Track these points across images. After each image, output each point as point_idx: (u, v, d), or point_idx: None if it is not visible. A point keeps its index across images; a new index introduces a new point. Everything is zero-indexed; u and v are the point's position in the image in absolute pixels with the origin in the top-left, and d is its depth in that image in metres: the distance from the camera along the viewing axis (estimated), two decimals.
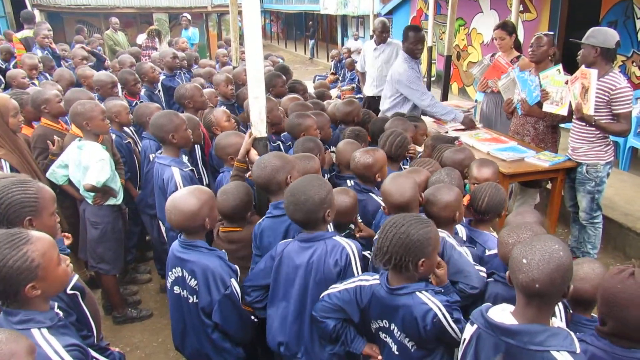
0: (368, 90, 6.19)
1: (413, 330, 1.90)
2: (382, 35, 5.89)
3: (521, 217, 2.33)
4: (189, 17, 11.96)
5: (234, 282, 2.29)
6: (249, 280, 2.39)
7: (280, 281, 2.24)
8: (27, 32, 8.40)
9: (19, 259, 1.53)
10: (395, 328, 1.95)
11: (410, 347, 1.94)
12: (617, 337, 1.64)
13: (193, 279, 2.28)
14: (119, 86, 4.80)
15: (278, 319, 2.26)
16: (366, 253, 2.59)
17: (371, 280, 2.01)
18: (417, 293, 1.89)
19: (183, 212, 2.25)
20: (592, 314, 2.17)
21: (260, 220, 2.53)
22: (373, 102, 5.72)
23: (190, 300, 2.32)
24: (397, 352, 1.98)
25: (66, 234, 2.57)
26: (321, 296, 2.09)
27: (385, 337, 2.02)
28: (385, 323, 1.99)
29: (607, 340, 1.65)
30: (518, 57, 4.84)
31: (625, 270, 1.63)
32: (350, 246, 2.16)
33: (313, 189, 2.12)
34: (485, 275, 2.22)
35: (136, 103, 4.64)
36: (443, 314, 1.86)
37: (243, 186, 2.67)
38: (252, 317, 2.44)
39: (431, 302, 1.87)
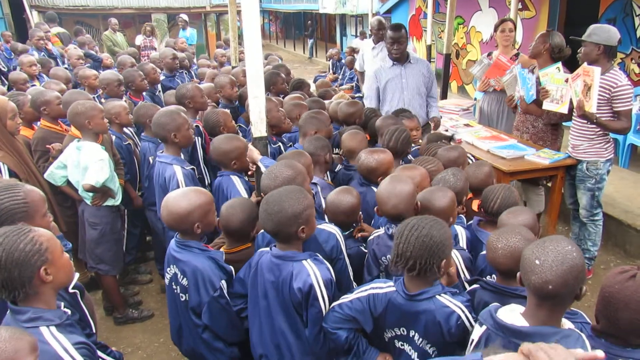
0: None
1: (436, 335, 1.86)
2: (378, 34, 5.92)
3: (513, 216, 2.28)
4: (186, 18, 11.91)
5: (224, 285, 2.27)
6: (231, 287, 2.32)
7: (256, 293, 2.18)
8: (59, 29, 9.81)
9: (29, 242, 1.57)
10: (416, 335, 1.91)
11: (431, 353, 1.90)
12: (609, 335, 1.64)
13: (185, 279, 2.29)
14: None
15: (257, 331, 2.21)
16: (362, 247, 2.61)
17: (385, 287, 1.95)
18: (438, 297, 1.85)
19: (171, 213, 2.24)
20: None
21: (264, 231, 2.47)
22: None
23: (183, 299, 2.33)
24: (417, 359, 1.94)
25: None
26: (331, 306, 2.03)
27: (402, 345, 1.97)
28: (403, 331, 1.94)
29: (603, 340, 1.64)
30: (517, 55, 4.85)
31: (627, 271, 1.62)
32: (315, 275, 2.03)
33: (289, 202, 2.01)
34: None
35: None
36: (466, 316, 1.84)
37: (250, 201, 2.63)
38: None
39: (453, 304, 1.84)
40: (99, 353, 1.85)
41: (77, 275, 1.95)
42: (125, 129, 4.12)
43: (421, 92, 4.65)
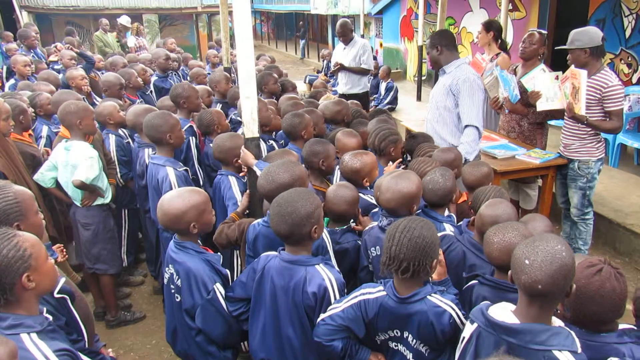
0: (339, 88, 6.41)
1: (429, 336, 1.87)
2: (343, 36, 6.13)
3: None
4: (124, 22, 11.74)
5: (218, 288, 2.25)
6: (231, 290, 2.29)
7: (261, 297, 2.17)
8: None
9: (12, 248, 1.55)
10: (410, 336, 1.91)
11: (424, 352, 1.91)
12: (579, 324, 1.69)
13: (179, 279, 2.28)
14: None
15: (258, 335, 2.19)
16: (359, 241, 2.60)
17: (375, 292, 1.95)
18: (429, 297, 1.86)
19: (166, 213, 2.23)
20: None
21: (255, 223, 2.47)
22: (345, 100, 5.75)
23: (178, 299, 2.32)
24: (412, 359, 1.94)
25: (59, 244, 2.55)
26: (320, 319, 2.00)
27: (397, 346, 1.98)
28: (397, 332, 1.94)
29: (576, 327, 1.67)
30: (497, 55, 4.90)
31: (595, 265, 1.66)
32: (329, 279, 2.04)
33: (301, 202, 2.02)
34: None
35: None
36: (457, 314, 1.85)
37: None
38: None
39: (444, 303, 1.85)
40: (85, 358, 1.81)
41: (62, 279, 1.91)
42: (119, 130, 4.05)
43: (440, 109, 3.70)
